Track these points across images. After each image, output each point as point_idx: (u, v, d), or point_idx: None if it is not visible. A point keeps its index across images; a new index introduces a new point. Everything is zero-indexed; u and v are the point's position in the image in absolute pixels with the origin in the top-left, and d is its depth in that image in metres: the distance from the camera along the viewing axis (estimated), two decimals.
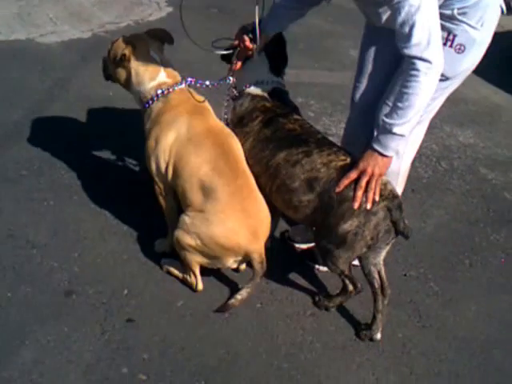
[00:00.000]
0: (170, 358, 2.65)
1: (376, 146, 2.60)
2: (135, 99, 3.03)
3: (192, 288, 2.97)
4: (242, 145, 2.92)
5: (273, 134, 2.86)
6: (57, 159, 3.79)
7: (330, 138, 3.68)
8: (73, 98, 4.57)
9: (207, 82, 3.01)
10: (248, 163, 2.89)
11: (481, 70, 6.06)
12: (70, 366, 2.54)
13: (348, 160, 2.73)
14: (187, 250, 2.80)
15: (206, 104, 3.02)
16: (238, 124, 3.00)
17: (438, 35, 2.42)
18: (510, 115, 5.64)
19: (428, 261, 3.50)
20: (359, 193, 2.63)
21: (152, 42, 3.00)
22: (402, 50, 2.44)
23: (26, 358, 2.55)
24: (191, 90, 3.00)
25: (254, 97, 3.00)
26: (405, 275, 3.37)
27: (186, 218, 2.80)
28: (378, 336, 2.88)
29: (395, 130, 2.52)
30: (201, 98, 3.00)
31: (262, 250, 2.80)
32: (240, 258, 2.84)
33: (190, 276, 2.93)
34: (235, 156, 2.84)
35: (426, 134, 4.57)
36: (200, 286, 2.94)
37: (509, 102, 5.87)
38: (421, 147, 4.41)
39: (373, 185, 2.63)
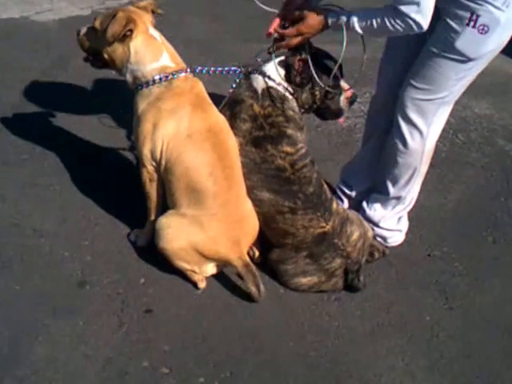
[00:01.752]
0: (193, 349, 2.60)
1: (329, 20, 2.66)
2: (128, 78, 2.85)
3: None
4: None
5: (261, 161, 2.80)
6: (59, 141, 3.73)
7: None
8: (72, 78, 4.49)
9: (219, 68, 2.96)
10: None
11: None
12: (86, 362, 2.49)
13: (326, 228, 2.81)
14: (171, 251, 2.76)
15: (207, 96, 2.91)
16: (230, 116, 2.90)
17: None
18: None
19: (451, 239, 3.46)
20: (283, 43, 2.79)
21: (147, 16, 2.84)
22: None
23: (40, 354, 2.50)
24: (196, 78, 2.89)
25: (248, 87, 2.89)
26: (429, 255, 3.33)
27: (173, 218, 2.77)
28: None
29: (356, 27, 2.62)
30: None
31: (244, 258, 2.79)
32: (221, 264, 2.86)
33: (190, 275, 2.88)
34: (231, 160, 2.78)
35: None
36: (200, 285, 2.89)
37: None
38: None
39: (295, 42, 2.76)
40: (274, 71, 2.85)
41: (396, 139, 3.02)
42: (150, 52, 2.77)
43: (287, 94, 2.86)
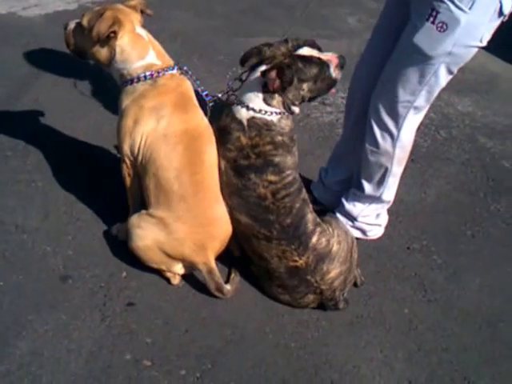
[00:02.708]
0: (175, 341, 2.67)
1: None
2: (114, 75, 2.91)
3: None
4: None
5: (243, 188, 2.78)
6: (43, 138, 3.77)
7: (328, 108, 3.69)
8: (59, 73, 4.52)
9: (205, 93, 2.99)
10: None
11: None
12: (70, 356, 2.55)
13: (298, 263, 2.76)
14: (139, 250, 2.83)
15: (193, 96, 2.93)
16: (217, 135, 2.88)
17: None
18: (508, 83, 5.68)
19: (430, 232, 3.55)
20: None
21: (135, 15, 2.88)
22: None
23: (24, 349, 2.54)
24: (183, 77, 2.93)
25: (233, 118, 2.81)
26: (408, 248, 3.41)
27: (143, 218, 2.83)
28: None
29: None
30: None
31: (210, 263, 2.83)
32: (189, 266, 2.90)
33: (162, 272, 2.94)
34: (203, 167, 2.80)
35: None
36: (173, 281, 2.95)
37: (506, 71, 5.92)
38: None
39: None
40: (254, 99, 2.77)
41: (368, 138, 3.08)
42: (135, 51, 2.81)
43: (273, 117, 2.77)
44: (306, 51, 2.75)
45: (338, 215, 3.36)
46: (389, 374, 2.68)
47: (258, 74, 2.75)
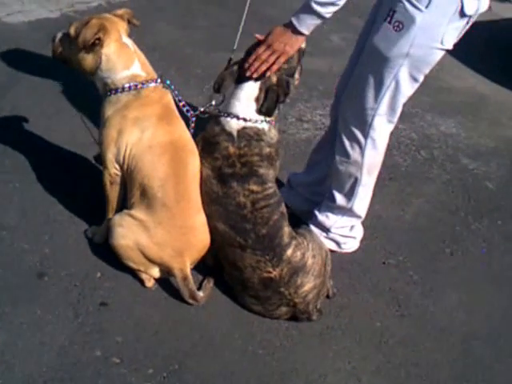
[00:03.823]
0: (144, 341, 2.76)
1: (293, 19, 2.68)
2: (97, 84, 2.98)
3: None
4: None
5: (223, 195, 2.85)
6: (21, 142, 3.85)
7: (305, 125, 3.77)
8: (39, 78, 4.61)
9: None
10: None
11: (469, 59, 6.28)
12: (43, 348, 2.64)
13: (272, 274, 2.82)
14: (119, 248, 2.92)
15: (175, 109, 3.03)
16: (203, 145, 2.97)
17: None
18: (496, 105, 5.79)
19: (407, 249, 3.63)
20: (256, 63, 2.77)
21: (121, 24, 2.97)
22: None
23: None
24: (165, 90, 3.01)
25: (222, 130, 2.89)
26: (384, 263, 3.50)
27: (125, 218, 2.93)
28: None
29: (314, 6, 2.58)
30: None
31: (185, 270, 2.92)
32: (165, 270, 2.98)
33: (138, 273, 3.03)
34: (186, 177, 2.89)
35: (405, 123, 4.84)
36: (147, 284, 3.03)
37: (495, 92, 6.02)
38: (399, 136, 4.65)
39: (272, 58, 2.74)
40: (246, 110, 2.85)
41: (337, 148, 3.17)
42: (121, 60, 2.89)
43: (264, 125, 2.88)
44: None
45: (312, 226, 3.43)
46: None
47: (247, 88, 2.85)
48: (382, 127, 3.05)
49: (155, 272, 2.99)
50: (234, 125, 2.85)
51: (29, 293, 2.88)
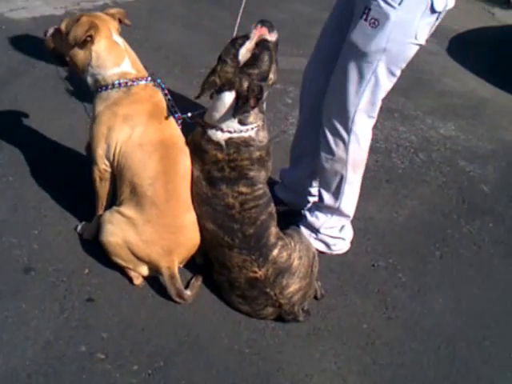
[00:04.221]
0: (130, 338, 2.78)
1: None
2: (88, 80, 3.00)
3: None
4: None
5: (212, 196, 2.88)
6: (19, 136, 3.88)
7: None
8: (40, 74, 4.64)
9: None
10: None
11: (471, 64, 6.31)
12: (27, 342, 2.66)
13: (258, 274, 2.84)
14: (109, 245, 2.94)
15: (165, 107, 3.04)
16: (192, 149, 2.98)
17: None
18: (495, 108, 5.81)
19: (398, 251, 3.65)
20: None
21: (113, 23, 3.00)
22: None
23: None
24: (156, 88, 3.03)
25: (209, 140, 2.89)
26: (373, 265, 3.52)
27: (114, 215, 2.95)
28: None
29: None
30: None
31: (173, 268, 2.94)
32: (153, 268, 3.00)
33: (127, 271, 3.05)
34: (176, 176, 2.92)
35: (405, 125, 4.85)
36: (135, 281, 3.05)
37: (495, 96, 6.05)
38: (399, 138, 4.67)
39: None
40: (229, 123, 2.83)
41: (322, 145, 3.22)
42: (111, 57, 2.92)
43: (250, 132, 2.86)
44: (244, 51, 2.80)
45: (302, 227, 3.46)
46: None
47: (225, 99, 2.83)
48: (364, 122, 3.12)
49: (144, 270, 3.01)
50: (220, 136, 2.85)
51: (15, 287, 2.90)
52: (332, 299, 3.21)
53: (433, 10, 2.76)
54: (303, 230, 3.44)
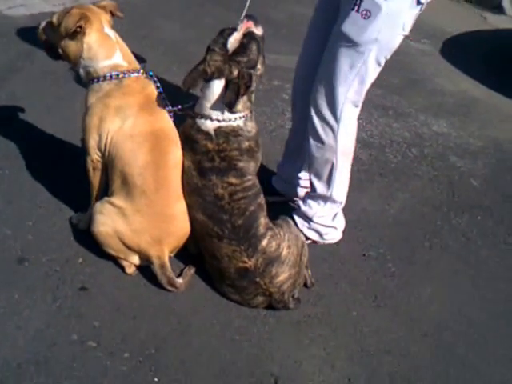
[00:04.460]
0: (122, 326, 2.80)
1: None
2: (80, 72, 3.03)
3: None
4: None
5: (202, 187, 2.89)
6: (15, 130, 3.92)
7: None
8: (37, 70, 4.67)
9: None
10: None
11: (464, 65, 6.35)
12: (18, 332, 2.67)
13: (247, 264, 2.86)
14: (100, 235, 2.95)
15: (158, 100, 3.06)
16: (183, 140, 3.00)
17: None
18: (487, 108, 5.83)
19: (388, 242, 3.67)
20: None
21: (104, 15, 3.02)
22: None
23: None
24: (148, 80, 3.05)
25: (198, 130, 2.92)
26: (364, 255, 3.54)
27: (105, 206, 2.97)
28: None
29: None
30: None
31: (163, 257, 2.96)
32: (144, 258, 3.01)
33: (119, 260, 3.07)
34: (167, 166, 2.93)
35: (399, 122, 4.90)
36: (128, 270, 3.07)
37: (487, 96, 6.07)
38: (392, 134, 4.70)
39: None
40: (217, 111, 2.87)
41: (311, 134, 3.23)
42: (102, 49, 2.94)
43: (239, 122, 2.90)
44: (233, 40, 2.85)
45: (295, 217, 3.49)
46: (329, 371, 2.80)
47: (214, 88, 2.86)
48: (351, 111, 3.15)
49: (135, 259, 3.03)
50: (209, 125, 2.88)
51: (7, 277, 2.92)
52: (323, 287, 3.22)
53: (418, 2, 2.83)
54: (297, 219, 3.48)
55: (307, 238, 3.42)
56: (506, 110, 5.83)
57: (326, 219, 3.47)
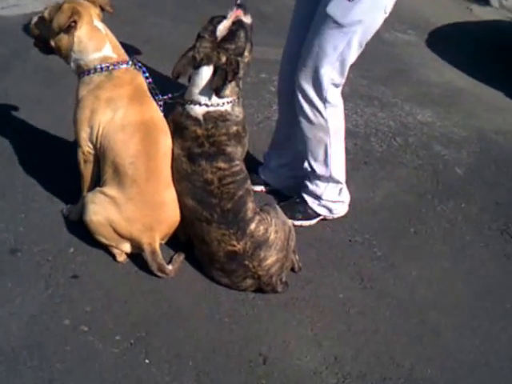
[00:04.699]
0: (113, 310, 2.84)
1: None
2: (72, 66, 3.07)
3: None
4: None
5: (192, 173, 2.95)
6: (7, 126, 3.96)
7: None
8: (30, 68, 4.70)
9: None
10: None
11: (449, 55, 6.39)
12: (11, 318, 2.72)
13: (236, 248, 2.91)
14: (92, 224, 2.99)
15: (146, 90, 3.13)
16: (173, 128, 3.05)
17: None
18: (471, 98, 5.86)
19: (374, 228, 3.72)
20: None
21: (93, 8, 3.06)
22: None
23: None
24: (137, 71, 3.11)
25: (187, 116, 2.98)
26: (350, 241, 3.58)
27: (97, 195, 3.01)
28: None
29: None
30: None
31: (154, 244, 3.00)
32: (135, 245, 3.05)
33: (110, 248, 3.11)
34: (157, 155, 2.99)
35: (384, 111, 4.94)
36: (119, 258, 3.11)
37: (471, 86, 6.10)
38: (378, 123, 4.74)
39: None
40: (206, 96, 2.93)
41: (301, 115, 3.31)
42: (92, 42, 3.00)
43: (226, 107, 2.96)
44: (222, 27, 2.92)
45: (304, 195, 3.57)
46: (316, 350, 2.85)
47: (203, 74, 2.94)
48: (334, 90, 3.25)
49: (126, 247, 3.07)
50: (198, 110, 2.94)
51: (0, 268, 2.96)
52: (310, 272, 3.27)
53: None
54: (306, 197, 3.57)
55: (317, 215, 3.56)
56: (490, 100, 5.86)
57: (333, 195, 3.56)
